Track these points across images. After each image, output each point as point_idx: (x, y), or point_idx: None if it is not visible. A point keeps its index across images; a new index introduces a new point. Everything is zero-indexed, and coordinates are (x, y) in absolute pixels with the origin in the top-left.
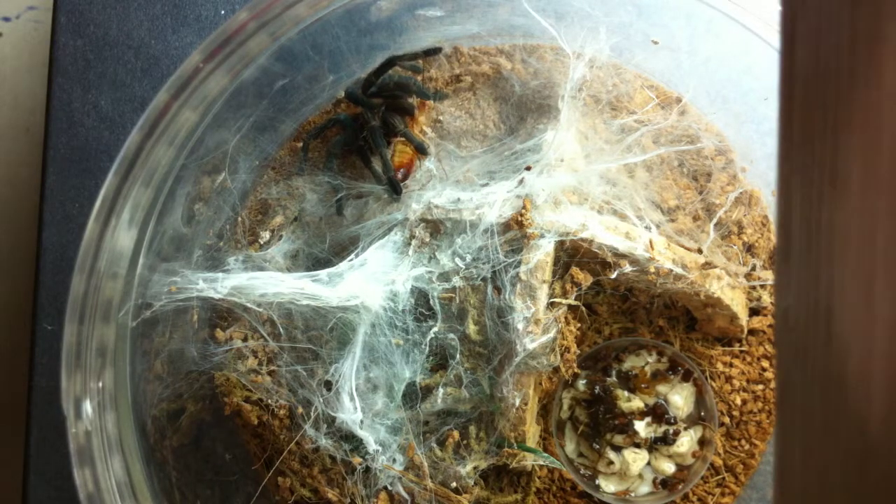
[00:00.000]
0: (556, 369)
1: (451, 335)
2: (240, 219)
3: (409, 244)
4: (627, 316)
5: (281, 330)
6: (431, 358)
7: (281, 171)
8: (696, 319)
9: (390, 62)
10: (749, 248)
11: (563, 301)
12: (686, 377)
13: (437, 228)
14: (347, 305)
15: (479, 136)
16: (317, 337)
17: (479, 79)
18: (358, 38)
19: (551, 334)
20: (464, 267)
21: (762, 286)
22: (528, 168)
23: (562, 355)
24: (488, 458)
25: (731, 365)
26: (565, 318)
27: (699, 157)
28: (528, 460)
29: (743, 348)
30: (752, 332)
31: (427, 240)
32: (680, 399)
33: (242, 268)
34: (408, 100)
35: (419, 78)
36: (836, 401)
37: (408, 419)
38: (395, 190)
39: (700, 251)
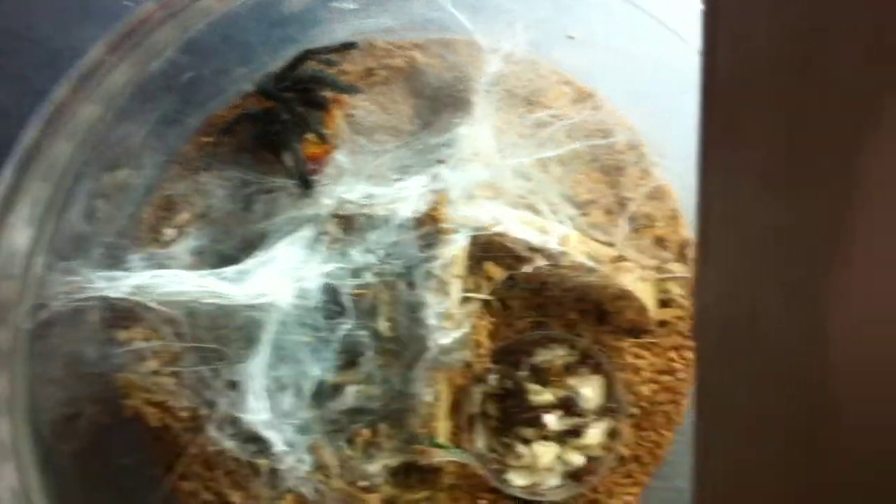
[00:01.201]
0: (469, 365)
1: (363, 332)
2: (144, 216)
3: (321, 240)
4: (539, 310)
5: (185, 329)
6: (342, 355)
7: (188, 166)
8: (606, 312)
9: (304, 56)
10: (659, 242)
11: (477, 296)
12: (596, 369)
13: (349, 224)
14: (255, 303)
15: (393, 130)
16: (223, 336)
17: (393, 73)
18: (269, 31)
19: (464, 329)
20: (376, 263)
21: (672, 278)
22: (442, 161)
23: (474, 350)
24: (398, 455)
25: (640, 356)
26: (479, 313)
27: (612, 151)
28: (439, 457)
29: (652, 340)
30: (661, 323)
31: (339, 236)
32: (590, 391)
33: (145, 266)
34: (322, 94)
35: (333, 72)
36: (763, 403)
37: (317, 418)
38: (306, 184)
39: (612, 245)
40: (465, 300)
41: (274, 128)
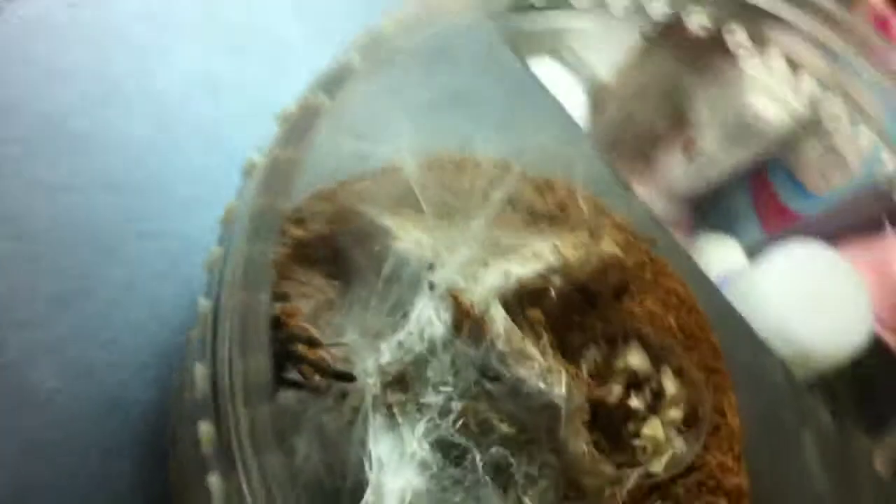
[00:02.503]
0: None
1: (494, 449)
2: None
3: (393, 415)
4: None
5: None
6: (495, 482)
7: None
8: (593, 295)
9: None
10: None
11: (545, 342)
12: (626, 340)
13: (402, 381)
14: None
15: (328, 305)
16: None
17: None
18: None
19: (564, 373)
20: (452, 389)
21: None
22: (431, 268)
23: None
24: None
25: (643, 305)
26: (553, 353)
27: None
28: None
29: (639, 287)
30: (636, 267)
31: (402, 397)
32: (636, 358)
33: None
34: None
35: None
36: None
37: None
38: (347, 376)
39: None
40: (542, 352)
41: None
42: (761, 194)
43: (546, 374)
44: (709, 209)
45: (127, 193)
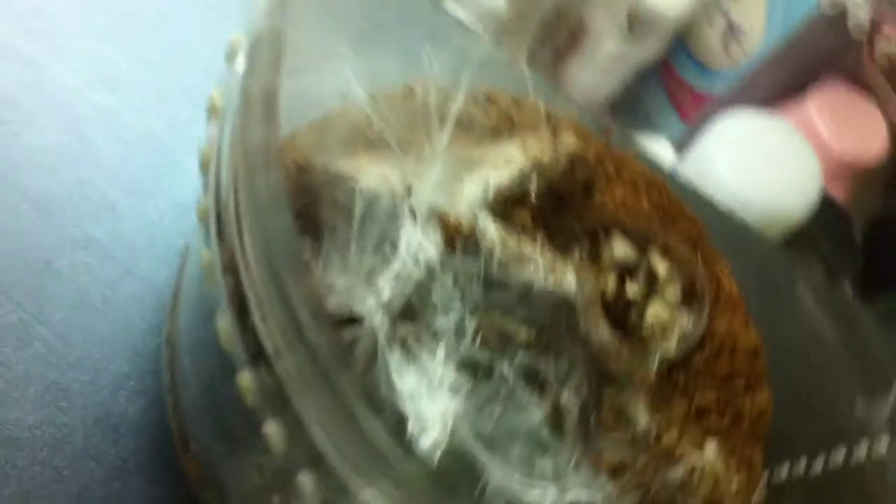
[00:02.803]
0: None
1: (519, 356)
2: None
3: (409, 348)
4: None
5: None
6: (530, 387)
7: None
8: (563, 197)
9: None
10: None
11: (540, 241)
12: (608, 233)
13: (409, 312)
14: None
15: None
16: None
17: None
18: None
19: (567, 264)
20: (462, 308)
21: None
22: (408, 194)
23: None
24: None
25: (613, 195)
26: (551, 251)
27: None
28: None
29: (605, 178)
30: (597, 161)
31: (415, 328)
32: (622, 249)
33: None
34: None
35: None
36: None
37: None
38: (353, 321)
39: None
40: (542, 251)
41: None
42: (671, 84)
43: (551, 272)
44: (627, 112)
45: (50, 205)
